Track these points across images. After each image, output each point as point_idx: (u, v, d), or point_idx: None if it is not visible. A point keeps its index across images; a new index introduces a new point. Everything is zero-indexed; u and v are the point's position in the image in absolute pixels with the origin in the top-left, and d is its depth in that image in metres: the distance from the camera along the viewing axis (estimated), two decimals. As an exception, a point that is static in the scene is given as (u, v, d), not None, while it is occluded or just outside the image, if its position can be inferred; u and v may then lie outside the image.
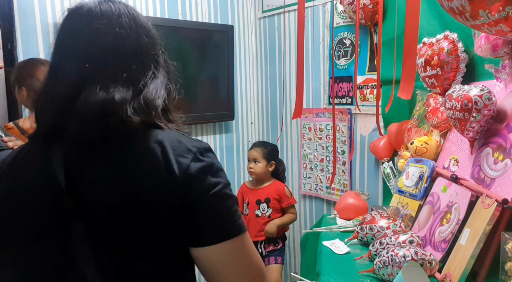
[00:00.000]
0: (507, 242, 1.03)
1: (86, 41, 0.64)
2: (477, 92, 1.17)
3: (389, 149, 1.86)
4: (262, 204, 2.22)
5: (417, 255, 1.14)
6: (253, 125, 2.91)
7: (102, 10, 0.66)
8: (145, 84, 0.66)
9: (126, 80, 0.64)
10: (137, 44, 0.67)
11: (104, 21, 0.65)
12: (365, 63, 2.02)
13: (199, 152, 0.64)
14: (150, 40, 0.70)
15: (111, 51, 0.64)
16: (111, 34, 0.65)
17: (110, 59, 0.64)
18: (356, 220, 1.73)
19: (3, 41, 1.90)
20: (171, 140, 0.64)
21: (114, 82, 0.63)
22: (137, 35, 0.68)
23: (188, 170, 0.61)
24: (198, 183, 0.62)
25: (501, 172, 1.14)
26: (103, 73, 0.63)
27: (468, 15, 0.98)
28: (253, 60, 2.86)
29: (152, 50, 0.70)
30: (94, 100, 0.61)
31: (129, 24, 0.67)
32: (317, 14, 2.30)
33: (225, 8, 2.69)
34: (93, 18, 0.65)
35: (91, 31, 0.64)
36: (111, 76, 0.64)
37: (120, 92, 0.63)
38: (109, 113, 0.61)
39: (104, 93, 0.62)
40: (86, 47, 0.64)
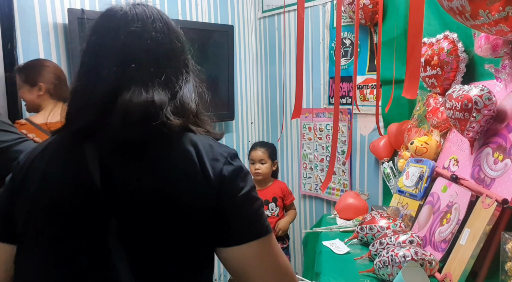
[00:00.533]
0: (507, 242, 1.03)
1: (123, 42, 0.65)
2: (477, 92, 1.17)
3: (389, 149, 1.86)
4: (270, 203, 2.22)
5: (417, 255, 1.14)
6: (253, 125, 2.91)
7: (137, 14, 0.67)
8: (180, 88, 0.68)
9: (163, 83, 0.66)
10: (170, 48, 0.69)
11: (140, 24, 0.66)
12: (365, 63, 2.02)
13: (229, 156, 0.67)
14: (181, 45, 0.73)
15: (148, 54, 0.66)
16: (148, 38, 0.66)
17: (147, 62, 0.66)
18: (356, 220, 1.73)
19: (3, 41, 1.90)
20: (203, 144, 0.66)
21: (153, 84, 0.65)
22: (170, 39, 0.70)
23: (222, 173, 0.64)
24: (230, 186, 0.64)
25: (501, 172, 1.14)
26: (141, 75, 0.65)
27: (468, 15, 0.98)
28: (253, 60, 2.86)
29: (183, 55, 0.72)
30: (138, 101, 0.62)
31: (162, 28, 0.69)
32: (317, 14, 2.30)
33: (225, 8, 2.69)
34: (130, 21, 0.66)
35: (128, 33, 0.65)
36: (150, 79, 0.65)
37: (160, 95, 0.64)
38: (152, 115, 0.62)
39: (146, 95, 0.63)
40: (123, 48, 0.65)
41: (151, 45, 0.66)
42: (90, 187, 0.62)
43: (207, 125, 0.75)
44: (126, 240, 0.61)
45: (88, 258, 0.62)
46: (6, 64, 1.92)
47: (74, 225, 0.63)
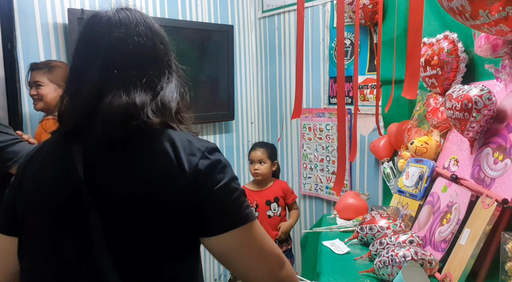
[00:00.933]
0: (507, 242, 1.03)
1: (107, 48, 0.70)
2: (477, 92, 1.17)
3: (389, 149, 1.86)
4: (272, 204, 2.22)
5: (417, 255, 1.14)
6: (253, 125, 2.91)
7: (120, 19, 0.72)
8: (162, 88, 0.73)
9: (145, 85, 0.71)
10: (153, 51, 0.73)
11: (123, 29, 0.71)
12: (365, 63, 2.02)
13: (207, 151, 0.70)
14: (164, 47, 0.76)
15: (131, 58, 0.70)
16: (130, 42, 0.70)
17: (130, 65, 0.70)
18: (356, 220, 1.73)
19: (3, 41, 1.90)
20: (182, 140, 0.70)
21: (134, 87, 0.69)
22: (153, 42, 0.74)
23: (197, 167, 0.67)
24: (205, 179, 0.67)
25: (501, 172, 1.14)
26: (124, 78, 0.69)
27: (468, 15, 0.98)
28: (253, 60, 2.86)
29: (166, 56, 0.76)
30: (119, 104, 0.67)
31: (145, 32, 0.73)
32: (317, 14, 2.30)
33: (225, 8, 2.69)
34: (113, 26, 0.71)
35: (112, 39, 0.70)
36: (132, 81, 0.70)
37: (141, 96, 0.69)
38: (132, 116, 0.67)
39: (126, 97, 0.68)
40: (107, 53, 0.70)
41: (134, 49, 0.71)
42: (76, 184, 0.66)
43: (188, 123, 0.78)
44: (109, 233, 0.65)
45: (73, 250, 0.67)
46: (6, 64, 1.92)
47: (61, 220, 0.68)
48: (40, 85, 1.72)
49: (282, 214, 2.25)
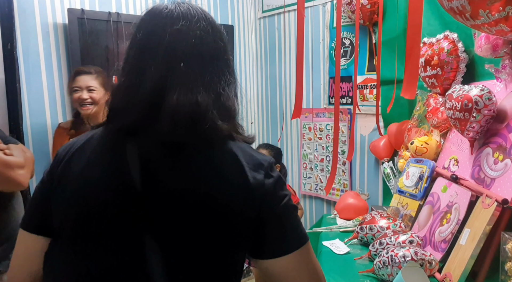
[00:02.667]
0: (507, 242, 1.03)
1: (169, 40, 0.64)
2: (477, 92, 1.17)
3: (389, 149, 1.86)
4: None
5: (416, 255, 1.14)
6: (253, 125, 2.91)
7: (182, 12, 0.66)
8: (223, 90, 0.67)
9: (207, 84, 0.65)
10: (214, 47, 0.68)
11: (185, 22, 0.65)
12: (364, 63, 2.02)
13: (269, 167, 0.66)
14: (224, 45, 0.71)
15: (193, 52, 0.65)
16: (193, 36, 0.65)
17: (192, 61, 0.64)
18: (356, 220, 1.73)
19: (3, 41, 1.90)
20: (244, 152, 0.66)
21: (197, 85, 0.63)
22: (214, 39, 0.68)
23: (264, 185, 0.64)
24: (271, 197, 0.64)
25: (501, 172, 1.13)
26: (187, 75, 0.63)
27: (468, 15, 0.98)
28: (253, 60, 2.86)
29: (225, 55, 0.71)
30: (185, 103, 0.61)
31: (206, 28, 0.67)
32: (317, 14, 2.30)
33: (225, 8, 2.69)
34: (175, 19, 0.65)
35: (174, 31, 0.64)
36: (194, 79, 0.64)
37: (203, 96, 0.63)
38: (199, 118, 0.62)
39: (191, 96, 0.62)
40: (169, 46, 0.64)
41: (196, 44, 0.65)
42: (130, 189, 0.61)
43: (242, 130, 0.74)
44: (162, 241, 0.61)
45: (121, 255, 0.62)
46: (6, 64, 1.92)
47: (109, 228, 0.62)
48: (93, 90, 1.79)
49: None
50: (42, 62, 2.03)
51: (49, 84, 2.06)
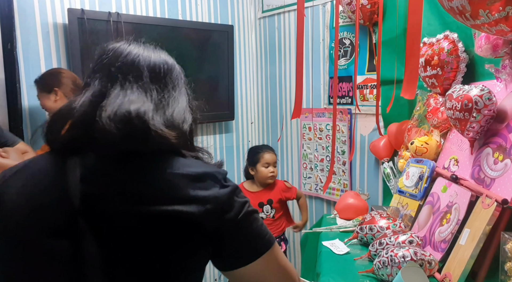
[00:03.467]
0: (507, 242, 1.03)
1: (111, 57, 0.68)
2: (477, 92, 1.17)
3: (389, 149, 1.86)
4: (265, 206, 2.20)
5: (416, 255, 1.14)
6: (253, 125, 2.91)
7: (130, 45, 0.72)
8: (167, 104, 0.67)
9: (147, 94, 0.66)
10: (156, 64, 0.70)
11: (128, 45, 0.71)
12: (364, 63, 2.02)
13: (223, 178, 0.65)
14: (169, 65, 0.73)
15: (133, 67, 0.67)
16: (136, 53, 0.69)
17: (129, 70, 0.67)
18: (356, 220, 1.73)
19: (3, 41, 1.90)
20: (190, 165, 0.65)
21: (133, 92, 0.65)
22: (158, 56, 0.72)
23: (219, 197, 0.62)
24: (229, 209, 0.62)
25: (501, 172, 1.13)
26: (125, 86, 0.65)
27: (468, 15, 0.98)
28: (253, 60, 2.86)
29: (170, 73, 0.72)
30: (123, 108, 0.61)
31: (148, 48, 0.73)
32: (317, 14, 2.30)
33: (225, 8, 2.69)
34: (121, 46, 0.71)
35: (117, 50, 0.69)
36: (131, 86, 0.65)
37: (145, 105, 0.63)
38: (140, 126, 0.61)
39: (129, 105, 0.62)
40: (107, 63, 0.67)
41: (139, 59, 0.68)
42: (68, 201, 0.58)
43: (200, 152, 0.73)
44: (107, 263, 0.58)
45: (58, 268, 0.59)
46: (6, 64, 1.92)
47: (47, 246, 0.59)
48: (39, 98, 1.77)
49: (276, 215, 2.22)
50: (42, 62, 2.03)
51: (49, 84, 2.06)
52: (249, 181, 2.29)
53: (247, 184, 2.29)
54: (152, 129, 0.61)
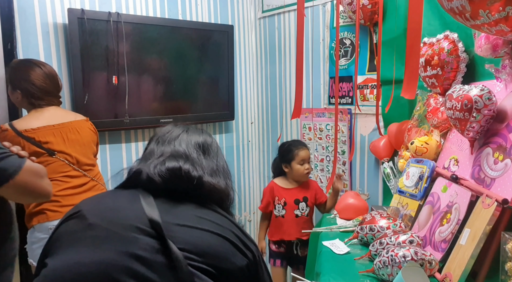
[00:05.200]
0: (507, 242, 1.03)
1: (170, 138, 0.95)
2: (477, 92, 1.17)
3: (389, 149, 1.86)
4: (301, 203, 2.14)
5: (417, 255, 1.14)
6: (253, 125, 2.91)
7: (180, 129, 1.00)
8: (214, 173, 0.90)
9: (204, 165, 0.89)
10: (205, 142, 0.95)
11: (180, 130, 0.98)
12: (365, 63, 2.02)
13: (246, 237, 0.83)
14: (212, 144, 0.97)
15: (189, 144, 0.92)
16: (183, 134, 0.96)
17: (183, 145, 0.91)
18: (356, 220, 1.73)
19: (3, 41, 1.90)
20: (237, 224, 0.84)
21: (193, 163, 0.87)
22: (205, 137, 0.97)
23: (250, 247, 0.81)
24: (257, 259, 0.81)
25: (501, 172, 1.13)
26: (179, 154, 0.88)
27: (468, 15, 0.98)
28: (253, 60, 2.86)
29: (211, 152, 0.94)
30: (174, 167, 0.84)
31: (194, 133, 0.99)
32: (317, 14, 2.30)
33: (225, 8, 2.69)
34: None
35: (172, 135, 0.97)
36: (188, 158, 0.88)
37: (198, 171, 0.86)
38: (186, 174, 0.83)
39: (185, 164, 0.85)
40: (165, 137, 0.95)
41: (191, 138, 0.95)
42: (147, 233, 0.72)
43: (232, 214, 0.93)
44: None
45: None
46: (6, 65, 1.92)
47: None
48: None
49: (310, 214, 2.17)
50: (42, 62, 2.03)
51: (49, 84, 2.06)
52: (281, 178, 2.19)
53: (279, 181, 2.18)
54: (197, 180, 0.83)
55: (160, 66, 2.33)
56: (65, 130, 1.67)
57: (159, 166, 0.83)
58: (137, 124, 2.26)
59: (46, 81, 1.65)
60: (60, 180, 1.61)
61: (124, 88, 2.16)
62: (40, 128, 1.61)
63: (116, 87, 2.15)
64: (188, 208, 0.80)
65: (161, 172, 0.82)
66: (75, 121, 1.73)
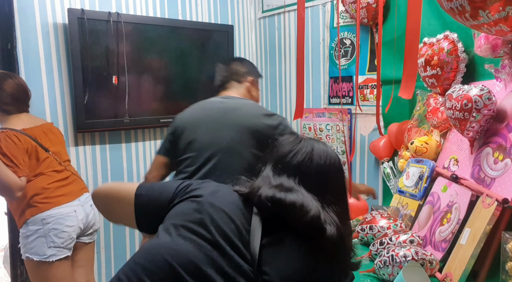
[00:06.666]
0: (508, 241, 1.03)
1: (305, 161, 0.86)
2: (477, 92, 1.17)
3: (389, 149, 1.86)
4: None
5: (417, 255, 1.14)
6: (253, 125, 2.91)
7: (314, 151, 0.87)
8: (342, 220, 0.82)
9: (329, 205, 0.83)
10: (330, 176, 0.87)
11: (315, 156, 0.87)
12: (365, 63, 2.02)
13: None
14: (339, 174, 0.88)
15: (315, 174, 0.85)
16: (318, 165, 0.87)
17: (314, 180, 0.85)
18: (356, 220, 1.73)
19: (3, 41, 1.90)
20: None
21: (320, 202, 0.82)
22: (329, 169, 0.87)
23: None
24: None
25: (501, 171, 1.14)
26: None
27: (468, 15, 0.98)
28: (253, 60, 2.86)
29: (337, 186, 0.87)
30: (309, 209, 0.78)
31: (327, 162, 0.87)
32: (317, 14, 2.30)
33: (225, 8, 2.69)
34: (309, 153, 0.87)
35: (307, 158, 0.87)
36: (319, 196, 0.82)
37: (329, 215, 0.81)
38: (319, 223, 0.77)
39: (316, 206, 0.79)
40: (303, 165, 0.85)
41: (318, 168, 0.85)
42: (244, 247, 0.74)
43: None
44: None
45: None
46: (6, 64, 1.92)
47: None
48: None
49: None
50: (42, 62, 2.03)
51: (49, 84, 2.06)
52: None
53: None
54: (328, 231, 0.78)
55: (160, 66, 2.33)
56: (46, 130, 1.79)
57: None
58: (137, 124, 2.27)
59: (17, 89, 1.72)
60: (48, 175, 1.73)
61: (124, 88, 2.16)
62: (32, 128, 1.72)
63: (116, 87, 2.15)
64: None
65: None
66: (47, 123, 1.85)
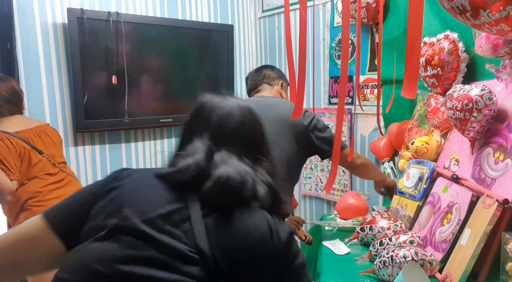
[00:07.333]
0: (508, 242, 1.03)
1: (219, 115, 0.78)
2: (478, 92, 1.17)
3: (389, 149, 1.86)
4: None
5: (417, 256, 1.14)
6: (253, 125, 2.91)
7: (231, 105, 0.81)
8: (268, 170, 0.78)
9: (253, 160, 0.76)
10: (259, 132, 0.82)
11: (235, 110, 0.80)
12: (365, 63, 2.02)
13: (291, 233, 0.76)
14: (261, 133, 0.83)
15: (237, 133, 0.78)
16: (238, 121, 0.79)
17: (236, 140, 0.77)
18: (356, 220, 1.73)
19: (3, 41, 1.90)
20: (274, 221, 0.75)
21: (242, 159, 0.75)
22: (260, 125, 0.82)
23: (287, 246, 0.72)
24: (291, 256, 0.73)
25: (502, 172, 1.13)
26: (233, 149, 0.75)
27: (469, 14, 0.98)
28: (253, 60, 2.86)
29: (265, 141, 0.82)
30: (229, 173, 0.71)
31: (250, 118, 0.81)
32: (317, 14, 2.30)
33: (225, 8, 2.68)
34: (226, 107, 0.80)
35: (224, 114, 0.79)
36: (237, 153, 0.75)
37: (244, 168, 0.73)
38: (246, 186, 0.71)
39: (239, 166, 0.73)
40: (219, 119, 0.78)
41: (241, 122, 0.78)
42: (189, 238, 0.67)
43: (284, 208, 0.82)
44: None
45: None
46: (6, 64, 1.92)
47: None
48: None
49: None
50: (42, 62, 2.03)
51: (49, 84, 2.06)
52: None
53: None
54: (256, 196, 0.73)
55: (160, 66, 2.33)
56: (39, 132, 1.77)
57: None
58: (137, 124, 2.26)
59: (8, 91, 1.72)
60: (42, 178, 1.72)
61: (123, 88, 2.16)
62: (25, 131, 1.72)
63: (115, 87, 2.15)
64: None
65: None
66: (42, 125, 1.83)
